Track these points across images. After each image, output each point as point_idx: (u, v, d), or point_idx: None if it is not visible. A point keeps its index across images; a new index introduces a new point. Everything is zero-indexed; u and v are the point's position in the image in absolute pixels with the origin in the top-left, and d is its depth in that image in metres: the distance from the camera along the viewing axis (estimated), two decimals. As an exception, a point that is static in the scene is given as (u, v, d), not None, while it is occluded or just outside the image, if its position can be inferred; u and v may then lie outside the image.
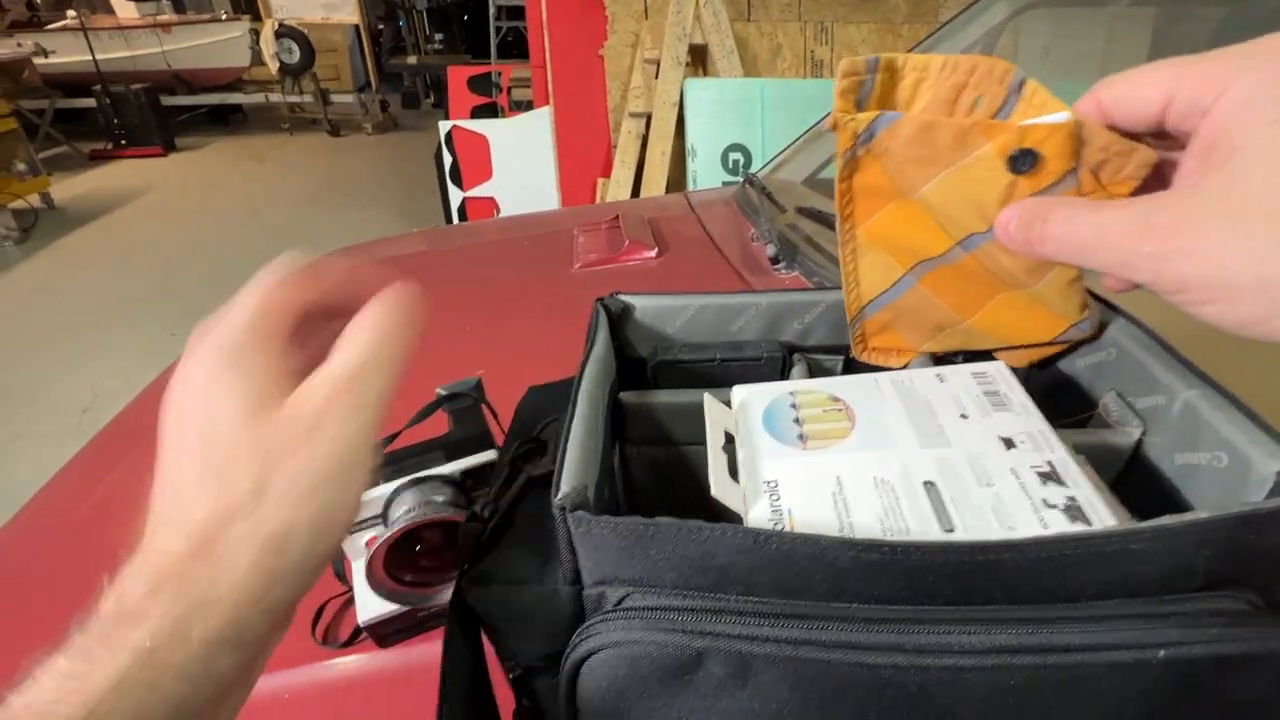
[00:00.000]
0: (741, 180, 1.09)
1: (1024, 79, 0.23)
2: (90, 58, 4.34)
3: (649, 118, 1.92)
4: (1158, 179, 0.22)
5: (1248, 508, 0.18)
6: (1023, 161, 0.22)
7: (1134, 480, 0.27)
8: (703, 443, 0.34)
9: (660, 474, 0.34)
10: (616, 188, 1.96)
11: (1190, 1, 1.27)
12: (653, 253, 0.92)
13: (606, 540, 0.21)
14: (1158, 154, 0.21)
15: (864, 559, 0.19)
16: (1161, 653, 0.18)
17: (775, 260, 0.82)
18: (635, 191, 1.96)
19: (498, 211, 2.22)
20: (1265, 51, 0.18)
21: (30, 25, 4.87)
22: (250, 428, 0.18)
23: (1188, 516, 0.19)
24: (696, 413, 0.27)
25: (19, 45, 4.33)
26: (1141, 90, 0.19)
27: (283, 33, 4.66)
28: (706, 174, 1.86)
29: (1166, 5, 1.40)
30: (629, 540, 0.21)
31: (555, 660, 0.23)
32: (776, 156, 1.20)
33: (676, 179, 1.93)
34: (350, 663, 0.40)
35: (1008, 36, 1.48)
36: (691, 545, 0.20)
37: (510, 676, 0.26)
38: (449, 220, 2.33)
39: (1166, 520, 0.19)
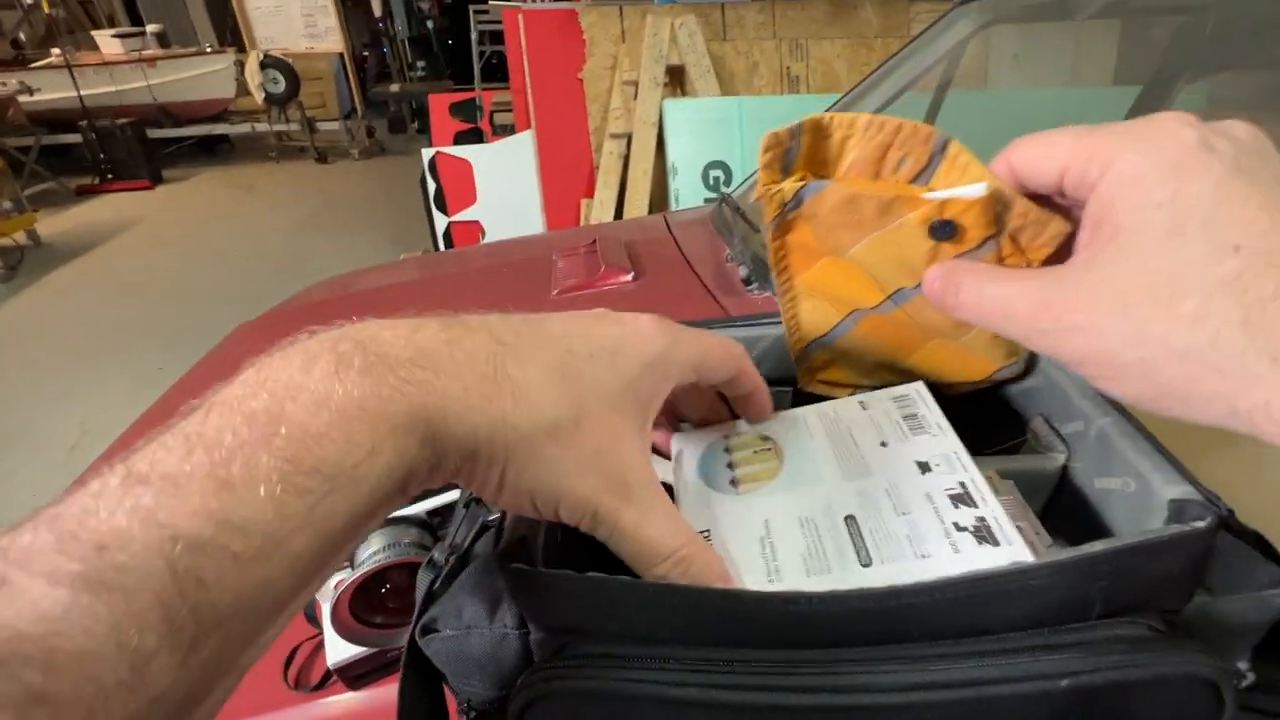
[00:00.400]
0: (718, 199, 1.11)
1: (948, 140, 0.24)
2: (75, 94, 4.37)
3: (630, 138, 1.95)
4: (1068, 243, 0.23)
5: (1137, 539, 0.20)
6: (943, 231, 0.23)
7: (1063, 503, 0.28)
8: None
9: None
10: (600, 208, 1.99)
11: (1148, 13, 1.30)
12: (629, 276, 0.94)
13: (546, 591, 0.22)
14: (1069, 225, 0.22)
15: (783, 610, 0.20)
16: (1064, 682, 0.19)
17: (748, 281, 0.84)
18: (619, 211, 1.99)
19: (483, 235, 2.24)
20: (1146, 134, 0.19)
21: (15, 64, 4.91)
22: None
23: (1083, 549, 0.20)
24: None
25: (3, 84, 4.36)
26: (1043, 158, 0.20)
27: (268, 63, 4.71)
28: (688, 192, 1.88)
29: (1127, 16, 1.44)
30: (565, 594, 0.22)
31: (507, 703, 0.24)
32: (752, 175, 1.22)
33: (659, 198, 1.95)
34: (322, 706, 0.40)
35: (978, 48, 1.51)
36: (618, 601, 0.21)
37: (466, 719, 0.27)
38: (436, 245, 2.35)
39: (1062, 555, 0.20)
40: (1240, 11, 0.90)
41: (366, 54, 6.46)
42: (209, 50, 5.08)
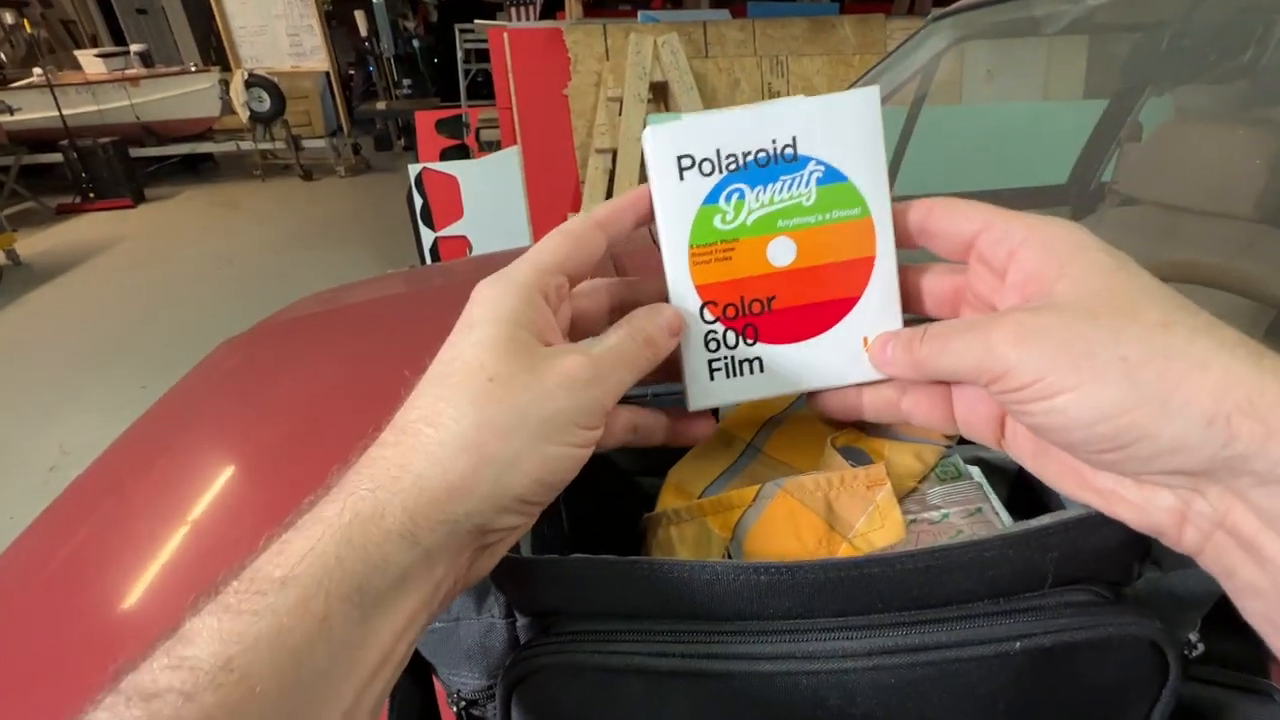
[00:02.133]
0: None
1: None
2: (57, 113, 4.35)
3: (614, 153, 1.98)
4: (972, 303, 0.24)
5: (1080, 513, 0.21)
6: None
7: (1029, 484, 0.30)
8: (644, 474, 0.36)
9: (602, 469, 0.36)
10: (586, 222, 2.01)
11: (1110, 29, 1.35)
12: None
13: (531, 577, 0.23)
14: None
15: (753, 580, 0.21)
16: (1018, 644, 0.21)
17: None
18: (605, 225, 2.01)
19: (470, 250, 2.25)
20: (1052, 222, 0.21)
21: (-5, 84, 4.89)
22: (494, 357, 0.20)
23: (1031, 523, 0.21)
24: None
25: (-16, 104, 4.33)
26: (963, 217, 0.23)
27: (253, 82, 4.72)
28: (673, 205, 1.91)
29: (1094, 32, 1.49)
30: (549, 578, 0.23)
31: (495, 691, 0.25)
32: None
33: (644, 211, 1.98)
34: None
35: (952, 63, 1.56)
36: (602, 581, 0.22)
37: (455, 709, 0.28)
38: (423, 260, 2.36)
39: (1013, 528, 0.21)
40: (1195, 26, 0.94)
41: (352, 72, 6.49)
42: (193, 69, 5.09)
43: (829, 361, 0.24)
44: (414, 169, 2.21)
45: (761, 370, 0.25)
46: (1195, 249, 0.83)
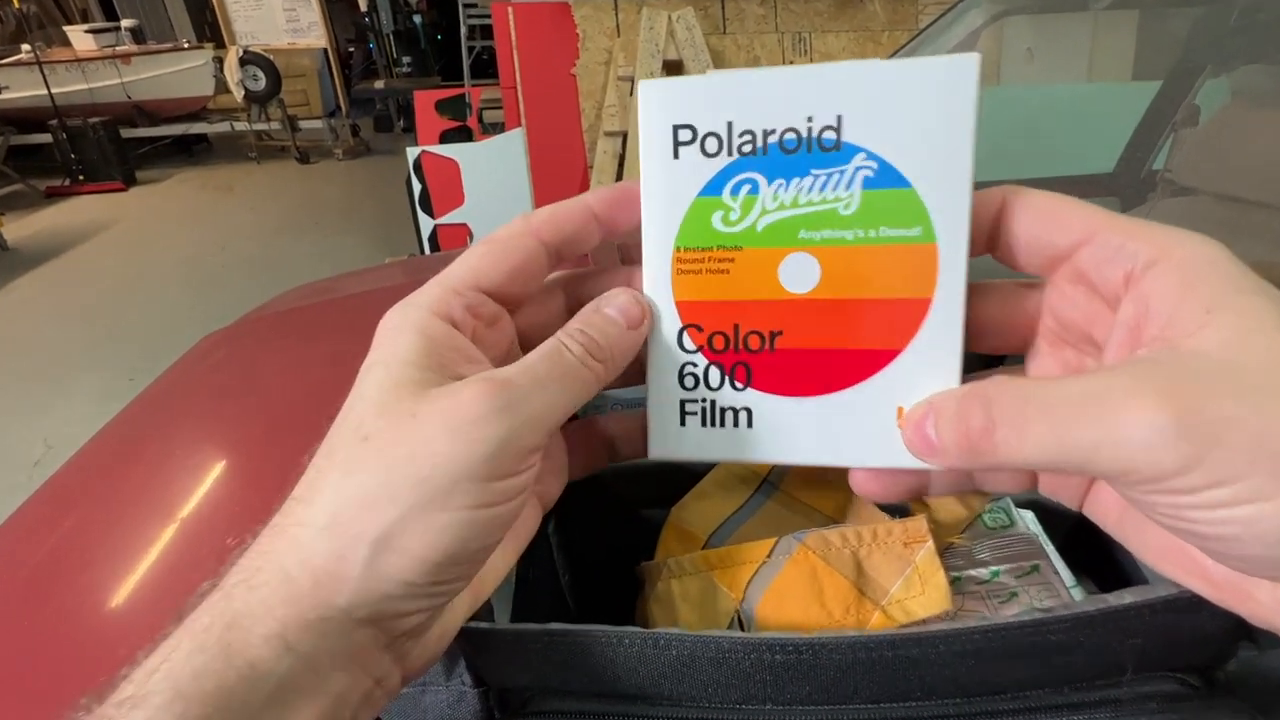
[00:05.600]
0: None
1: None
2: (46, 92, 4.36)
3: (624, 136, 1.94)
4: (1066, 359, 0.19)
5: (1176, 591, 0.18)
6: None
7: (1089, 536, 0.27)
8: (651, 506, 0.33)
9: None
10: (594, 209, 1.98)
11: (1168, 3, 1.30)
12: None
13: (500, 650, 0.21)
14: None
15: (768, 660, 0.18)
16: (1090, 749, 0.18)
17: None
18: (614, 213, 1.98)
19: (471, 238, 2.23)
20: (1187, 238, 0.16)
21: (-17, 61, 4.91)
22: (374, 410, 0.17)
23: (1111, 602, 0.18)
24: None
25: (-29, 83, 4.36)
26: (1057, 223, 0.18)
27: (248, 59, 4.71)
28: (686, 192, 1.87)
29: (1146, 7, 1.44)
30: (522, 651, 0.20)
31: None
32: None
33: (656, 198, 1.94)
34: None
35: (989, 41, 1.51)
36: (589, 654, 0.20)
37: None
38: (422, 248, 2.34)
39: (1086, 606, 0.18)
40: (1267, 1, 0.89)
41: (351, 49, 6.47)
42: (186, 46, 5.09)
43: (844, 432, 0.19)
44: (412, 152, 2.19)
45: (749, 425, 0.20)
46: (1260, 245, 0.79)
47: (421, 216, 2.24)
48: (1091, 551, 0.27)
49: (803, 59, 2.03)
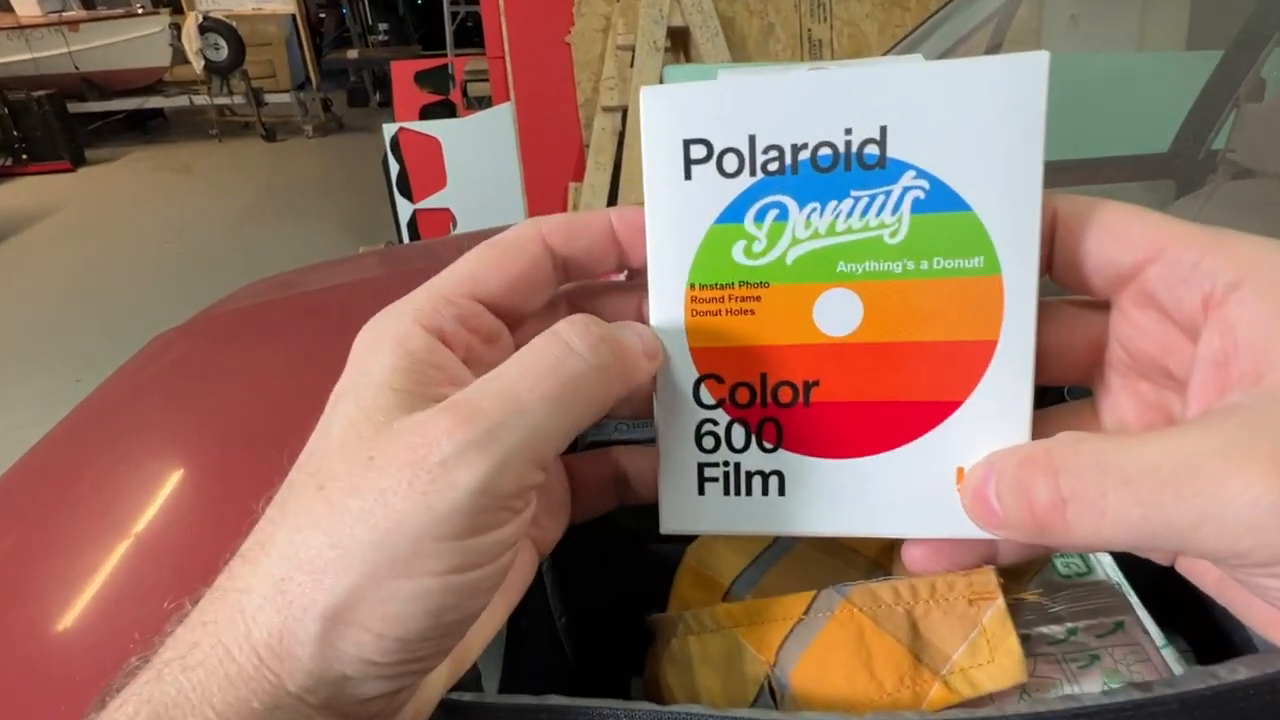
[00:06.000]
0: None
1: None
2: (-15, 62, 4.36)
3: (625, 112, 1.93)
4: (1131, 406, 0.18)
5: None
6: None
7: (1177, 582, 0.25)
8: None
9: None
10: (591, 193, 1.96)
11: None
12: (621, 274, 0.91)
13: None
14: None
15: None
16: None
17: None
18: (613, 196, 1.96)
19: (454, 225, 2.22)
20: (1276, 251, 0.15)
21: (-84, 28, 4.89)
22: (336, 449, 0.16)
23: (1220, 675, 0.17)
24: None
25: (-97, 51, 4.34)
26: (1119, 238, 0.16)
27: (208, 26, 4.69)
28: (692, 174, 1.86)
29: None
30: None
31: None
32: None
33: (658, 181, 1.93)
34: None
35: (1029, 6, 1.50)
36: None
37: None
38: (400, 236, 2.33)
39: (1193, 681, 0.17)
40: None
41: (323, 16, 6.45)
42: (140, 11, 5.06)
43: (894, 499, 0.18)
44: (389, 129, 2.17)
45: (780, 493, 0.18)
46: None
47: (399, 200, 2.23)
48: (1181, 596, 0.25)
49: (822, 25, 2.01)
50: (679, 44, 1.98)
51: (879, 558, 0.26)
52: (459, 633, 0.16)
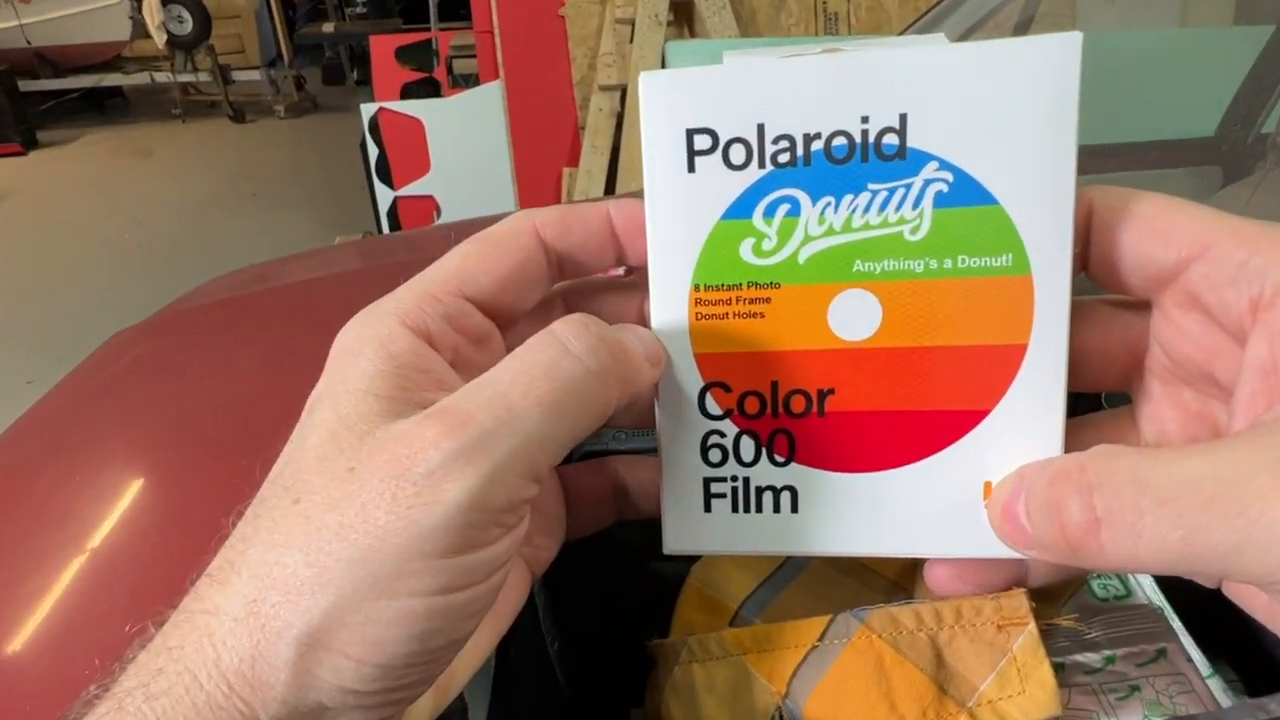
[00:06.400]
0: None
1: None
2: (-71, 36, 4.36)
3: (623, 91, 1.93)
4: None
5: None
6: None
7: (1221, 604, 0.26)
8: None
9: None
10: (587, 179, 1.96)
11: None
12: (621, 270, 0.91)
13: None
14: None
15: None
16: None
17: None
18: (611, 183, 1.96)
19: (438, 214, 2.22)
20: None
21: None
22: (314, 460, 0.16)
23: (1271, 708, 0.17)
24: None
25: None
26: (1160, 235, 0.16)
27: (171, -3, 4.70)
28: (697, 159, 1.87)
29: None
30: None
31: None
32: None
33: (660, 166, 1.93)
34: None
35: (1063, -21, 1.50)
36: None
37: None
38: (380, 226, 2.33)
39: (1239, 714, 0.17)
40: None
41: (296, -14, 6.45)
42: (98, -19, 5.07)
43: (916, 516, 0.18)
44: (368, 109, 2.18)
45: (793, 509, 0.18)
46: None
47: (379, 187, 2.23)
48: (1228, 621, 0.25)
49: (837, -1, 2.01)
50: (682, 17, 1.98)
51: (899, 579, 0.26)
52: (445, 659, 0.16)
